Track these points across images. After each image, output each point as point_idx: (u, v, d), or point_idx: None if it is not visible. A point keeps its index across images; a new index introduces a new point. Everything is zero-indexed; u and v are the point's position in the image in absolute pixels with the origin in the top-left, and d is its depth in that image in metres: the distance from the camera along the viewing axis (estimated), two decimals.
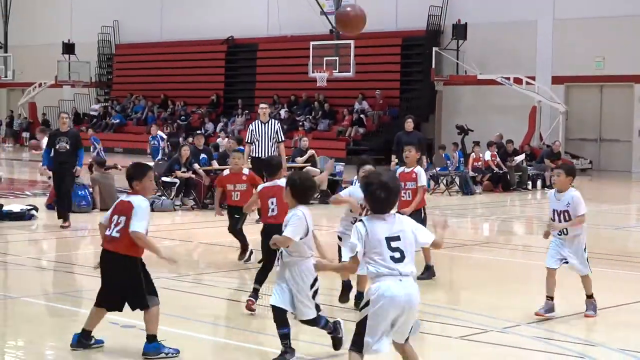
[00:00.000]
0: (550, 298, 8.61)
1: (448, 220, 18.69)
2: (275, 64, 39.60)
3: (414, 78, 36.02)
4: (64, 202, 14.87)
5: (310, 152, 21.81)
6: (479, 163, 23.88)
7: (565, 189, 8.94)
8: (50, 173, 15.29)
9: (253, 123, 17.08)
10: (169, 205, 17.69)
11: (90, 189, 17.22)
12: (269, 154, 15.88)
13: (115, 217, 7.15)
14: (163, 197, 18.19)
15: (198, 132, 29.72)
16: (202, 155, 19.91)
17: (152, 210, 16.81)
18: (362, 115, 35.16)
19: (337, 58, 31.61)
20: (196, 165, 19.05)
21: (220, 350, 7.94)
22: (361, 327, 5.78)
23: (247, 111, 39.68)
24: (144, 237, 7.10)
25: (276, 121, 16.54)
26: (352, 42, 31.23)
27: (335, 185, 21.01)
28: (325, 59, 31.94)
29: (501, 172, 23.90)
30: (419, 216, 9.84)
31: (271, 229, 8.12)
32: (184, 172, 18.03)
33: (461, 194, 22.94)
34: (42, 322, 8.75)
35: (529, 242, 15.79)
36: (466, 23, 33.10)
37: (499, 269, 12.27)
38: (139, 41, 45.43)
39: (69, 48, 45.26)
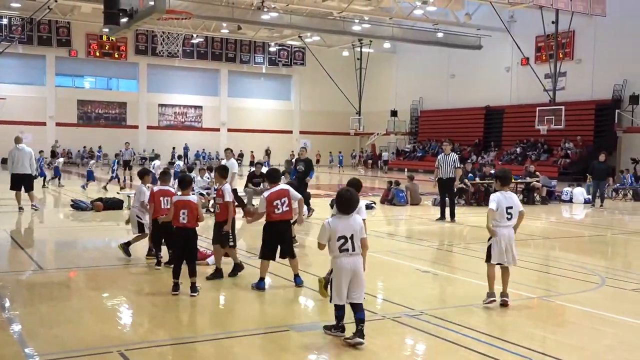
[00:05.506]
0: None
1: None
2: (514, 121, 39.08)
3: (602, 129, 34.29)
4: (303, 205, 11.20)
5: (536, 174, 21.00)
6: None
7: None
8: None
9: (439, 155, 15.09)
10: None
11: None
12: (449, 176, 14.32)
13: (279, 201, 6.72)
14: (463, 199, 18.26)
15: (468, 160, 29.67)
16: (469, 175, 19.62)
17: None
18: (568, 151, 34.24)
19: (553, 117, 31.21)
20: (466, 181, 18.49)
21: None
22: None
23: (497, 149, 39.62)
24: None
25: (455, 154, 14.70)
26: (563, 107, 30.61)
27: (550, 193, 20.64)
28: (545, 117, 31.67)
29: None
30: (221, 226, 7.56)
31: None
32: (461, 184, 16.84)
33: (633, 200, 22.37)
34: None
35: None
36: (639, 94, 32.44)
37: None
38: (434, 108, 46.22)
39: (393, 113, 47.89)
